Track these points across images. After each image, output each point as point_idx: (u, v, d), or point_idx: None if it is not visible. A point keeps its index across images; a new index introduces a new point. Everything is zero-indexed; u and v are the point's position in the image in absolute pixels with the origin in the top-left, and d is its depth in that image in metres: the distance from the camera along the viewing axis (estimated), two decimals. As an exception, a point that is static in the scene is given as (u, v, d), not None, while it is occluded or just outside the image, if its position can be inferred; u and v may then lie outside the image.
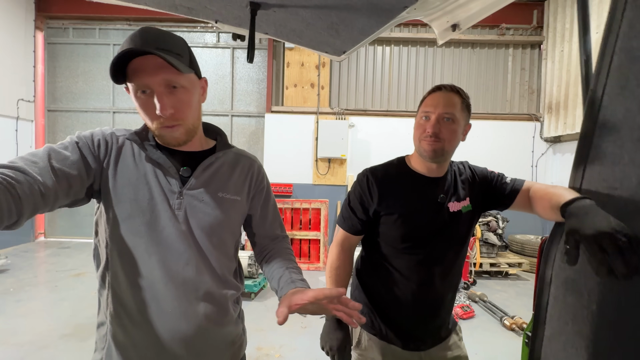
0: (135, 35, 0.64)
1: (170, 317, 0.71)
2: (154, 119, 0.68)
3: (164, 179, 0.72)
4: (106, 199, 0.69)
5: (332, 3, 1.23)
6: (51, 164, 0.60)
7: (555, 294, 0.86)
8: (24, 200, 0.53)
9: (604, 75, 0.79)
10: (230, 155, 0.83)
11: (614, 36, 0.76)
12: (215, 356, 0.78)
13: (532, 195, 0.91)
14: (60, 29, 5.50)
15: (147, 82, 0.64)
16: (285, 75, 5.16)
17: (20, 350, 2.24)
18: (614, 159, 0.78)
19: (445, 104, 0.90)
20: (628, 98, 0.76)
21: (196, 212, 0.73)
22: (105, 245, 0.70)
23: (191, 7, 1.34)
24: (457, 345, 1.05)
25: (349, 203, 1.04)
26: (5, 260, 3.93)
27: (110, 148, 0.70)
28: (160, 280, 0.70)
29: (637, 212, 0.70)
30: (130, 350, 0.71)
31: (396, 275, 0.98)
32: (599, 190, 0.79)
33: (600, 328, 0.75)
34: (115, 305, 0.71)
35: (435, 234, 0.95)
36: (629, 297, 0.71)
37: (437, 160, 0.94)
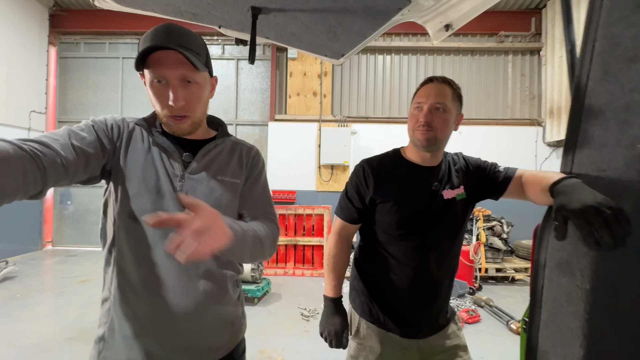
0: (161, 30, 0.71)
1: (171, 291, 0.73)
2: (164, 108, 0.73)
3: (168, 163, 0.77)
4: (116, 178, 0.74)
5: (329, 6, 1.30)
6: (71, 142, 0.65)
7: (549, 276, 0.87)
8: (49, 171, 0.57)
9: (587, 62, 0.82)
10: (229, 142, 0.88)
11: (595, 24, 0.80)
12: (214, 334, 0.80)
13: (524, 181, 0.94)
14: (72, 44, 5.73)
15: (166, 74, 0.71)
16: (288, 85, 5.28)
17: (26, 353, 2.26)
18: (601, 142, 0.80)
19: (437, 95, 0.94)
20: (611, 82, 0.79)
21: (197, 194, 0.77)
22: (112, 222, 0.74)
23: (196, 13, 1.42)
24: (455, 334, 1.06)
25: (346, 193, 1.07)
26: (13, 267, 3.98)
27: (122, 132, 0.76)
28: (162, 255, 0.73)
29: (625, 191, 0.72)
30: (132, 322, 0.73)
31: (392, 261, 0.99)
32: (589, 173, 0.81)
33: (594, 307, 0.76)
34: (120, 279, 0.74)
35: (430, 221, 0.97)
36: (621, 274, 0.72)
37: (431, 149, 0.97)
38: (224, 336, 0.82)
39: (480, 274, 3.89)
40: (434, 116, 0.93)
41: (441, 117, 0.93)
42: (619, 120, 0.75)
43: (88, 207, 5.72)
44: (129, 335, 0.73)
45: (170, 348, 0.74)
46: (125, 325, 0.73)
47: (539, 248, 0.91)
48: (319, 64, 5.20)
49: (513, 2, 5.10)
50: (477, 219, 4.11)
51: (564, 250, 0.83)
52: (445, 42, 5.29)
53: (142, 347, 0.73)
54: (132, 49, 5.71)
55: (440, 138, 0.95)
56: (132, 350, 0.73)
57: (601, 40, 0.78)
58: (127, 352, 0.73)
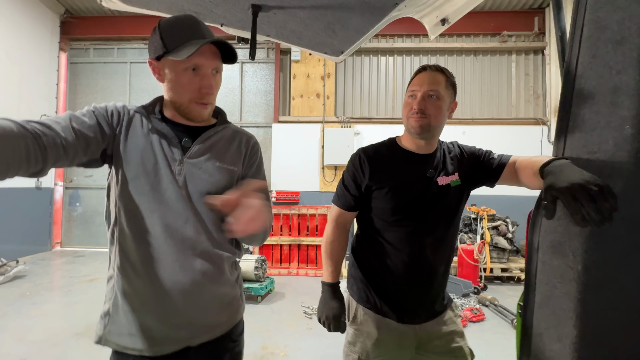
0: (195, 23, 0.78)
1: (169, 269, 0.76)
2: (192, 94, 0.78)
3: (167, 148, 0.80)
4: (117, 162, 0.77)
5: (327, 3, 1.33)
6: (72, 124, 0.69)
7: (542, 258, 0.88)
8: (49, 150, 0.61)
9: (576, 46, 0.84)
10: (228, 130, 0.91)
11: (582, 9, 0.82)
12: (211, 313, 0.83)
13: (517, 166, 0.95)
14: (82, 50, 5.89)
15: (203, 64, 0.77)
16: (291, 87, 5.34)
17: (35, 347, 2.31)
18: (591, 125, 0.81)
19: (430, 82, 0.96)
20: (599, 65, 0.80)
21: (194, 178, 0.80)
22: (114, 204, 0.78)
23: (199, 12, 1.46)
24: (452, 320, 1.07)
25: (343, 181, 1.09)
26: (23, 266, 4.07)
27: (122, 118, 0.79)
28: (160, 235, 0.76)
29: (615, 172, 0.73)
30: (133, 298, 0.77)
31: (388, 247, 1.01)
32: (580, 156, 0.82)
33: (586, 287, 0.77)
34: (122, 258, 0.77)
35: (425, 207, 0.99)
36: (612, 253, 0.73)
37: (425, 136, 0.99)
38: (221, 315, 0.85)
39: (486, 273, 3.86)
40: (427, 103, 0.95)
41: (434, 104, 0.95)
42: (608, 103, 0.76)
43: (96, 208, 5.83)
44: (131, 311, 0.76)
45: (168, 324, 0.77)
46: (127, 301, 0.77)
47: (532, 232, 0.92)
48: (322, 66, 5.26)
49: (516, 2, 5.11)
50: (481, 218, 4.09)
51: (556, 232, 0.84)
52: (448, 42, 5.32)
53: (142, 322, 0.76)
54: (139, 53, 5.84)
55: (434, 125, 0.97)
56: (134, 324, 0.76)
57: (589, 24, 0.80)
58: (129, 327, 0.76)
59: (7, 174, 0.55)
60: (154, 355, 0.77)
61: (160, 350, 0.77)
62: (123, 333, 0.77)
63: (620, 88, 0.75)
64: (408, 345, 1.02)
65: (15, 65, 4.89)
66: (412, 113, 0.97)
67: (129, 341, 0.76)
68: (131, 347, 0.76)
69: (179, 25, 0.77)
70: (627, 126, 0.73)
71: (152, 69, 0.81)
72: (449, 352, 1.03)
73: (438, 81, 0.97)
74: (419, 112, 0.95)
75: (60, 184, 5.81)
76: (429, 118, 0.95)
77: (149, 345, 0.76)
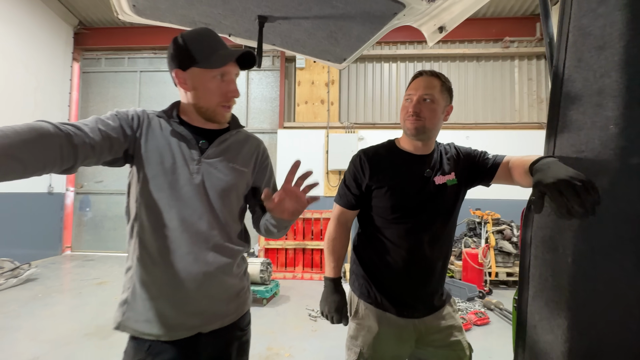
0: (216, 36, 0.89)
1: (184, 260, 0.83)
2: (220, 97, 0.87)
3: (186, 149, 0.87)
4: (138, 162, 0.84)
5: (329, 13, 1.41)
6: (98, 126, 0.76)
7: (535, 253, 0.92)
8: (79, 149, 0.69)
9: (563, 52, 0.89)
10: (241, 134, 0.99)
11: (567, 17, 0.87)
12: (221, 302, 0.89)
13: (510, 166, 0.99)
14: (94, 59, 6.09)
15: (231, 71, 0.87)
16: (296, 93, 5.44)
17: (48, 346, 2.38)
18: (579, 125, 0.86)
19: (425, 87, 1.02)
20: (584, 69, 0.85)
21: (211, 176, 0.87)
22: (135, 200, 0.85)
23: (208, 23, 1.55)
24: (450, 315, 1.10)
25: (345, 181, 1.14)
26: (35, 269, 4.18)
27: (142, 121, 0.86)
28: (177, 228, 0.83)
29: (602, 170, 0.77)
30: (151, 287, 0.83)
31: (388, 244, 1.06)
32: (569, 155, 0.86)
33: (576, 279, 0.81)
34: (141, 249, 0.83)
35: (422, 205, 1.03)
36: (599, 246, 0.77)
37: (420, 137, 1.04)
38: (230, 305, 0.91)
39: (491, 278, 3.84)
40: (422, 106, 1.01)
41: (429, 107, 1.01)
42: (594, 104, 0.81)
43: (105, 213, 5.95)
44: (148, 299, 0.82)
45: (182, 311, 0.83)
46: (145, 289, 0.83)
47: (525, 228, 0.96)
48: (326, 72, 5.36)
49: (517, 8, 5.17)
50: (485, 222, 4.09)
51: (547, 228, 0.88)
52: (451, 48, 5.38)
53: (158, 309, 0.82)
54: (149, 62, 6.02)
55: (429, 127, 1.02)
56: (150, 311, 0.82)
57: (573, 31, 0.85)
58: (146, 313, 0.82)
59: (45, 169, 0.61)
60: (169, 340, 0.82)
61: (175, 336, 0.82)
62: (140, 319, 0.82)
63: (604, 90, 0.80)
64: (408, 339, 1.06)
65: (31, 75, 5.08)
66: (408, 116, 1.02)
67: (146, 327, 0.82)
68: (148, 333, 0.82)
69: (203, 38, 0.86)
70: (612, 126, 0.77)
71: (177, 79, 0.87)
72: (447, 346, 1.06)
73: (433, 85, 1.02)
74: (414, 115, 1.01)
75: (71, 189, 5.96)
76: (423, 120, 1.01)
77: (164, 331, 0.81)
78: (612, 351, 0.77)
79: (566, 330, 0.81)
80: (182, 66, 0.85)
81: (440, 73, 1.07)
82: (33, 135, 0.59)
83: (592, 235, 0.77)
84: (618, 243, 0.75)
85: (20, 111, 4.86)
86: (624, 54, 0.75)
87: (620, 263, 0.75)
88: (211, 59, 0.84)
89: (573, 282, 0.80)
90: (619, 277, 0.75)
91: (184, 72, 0.86)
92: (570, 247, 0.81)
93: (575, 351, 0.79)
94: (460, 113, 5.27)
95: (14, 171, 0.56)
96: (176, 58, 0.86)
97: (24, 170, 0.58)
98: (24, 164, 0.57)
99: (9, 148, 0.55)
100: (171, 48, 0.88)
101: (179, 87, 0.89)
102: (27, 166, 0.58)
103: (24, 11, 4.94)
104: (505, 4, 5.10)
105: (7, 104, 4.68)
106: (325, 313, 1.09)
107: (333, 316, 1.07)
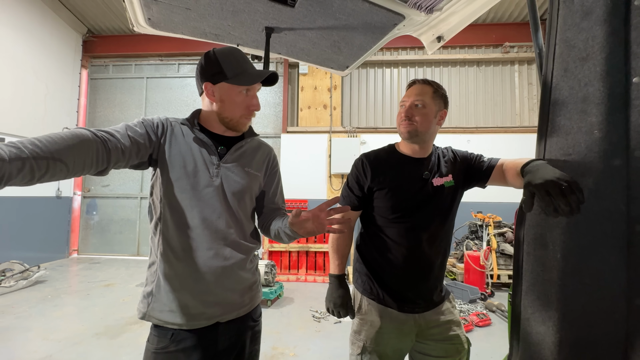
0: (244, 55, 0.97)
1: (204, 255, 0.90)
2: (244, 110, 0.96)
3: (206, 154, 0.94)
4: (162, 165, 0.91)
5: (333, 24, 1.49)
6: (127, 133, 0.84)
7: (527, 250, 0.97)
8: (112, 153, 0.76)
9: (550, 62, 0.96)
10: (255, 141, 1.08)
11: (554, 30, 0.94)
12: (237, 294, 0.96)
13: (504, 168, 1.06)
14: (102, 66, 6.24)
15: (254, 87, 0.96)
16: (299, 99, 5.54)
17: (58, 345, 2.45)
18: (566, 130, 0.92)
19: (417, 94, 1.09)
20: (570, 78, 0.91)
21: (229, 179, 0.95)
22: (159, 200, 0.92)
23: (218, 34, 1.64)
24: (450, 311, 1.15)
25: (348, 184, 1.21)
26: (44, 271, 4.27)
27: (166, 129, 0.94)
28: (198, 226, 0.90)
29: (587, 171, 0.83)
30: (174, 279, 0.90)
31: (389, 242, 1.12)
32: (558, 157, 0.93)
33: (565, 273, 0.87)
34: (164, 246, 0.90)
35: (421, 205, 1.10)
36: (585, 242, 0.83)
37: (414, 140, 1.11)
38: (245, 297, 0.98)
39: (492, 280, 3.87)
40: (414, 112, 1.09)
41: (420, 112, 1.09)
42: (579, 111, 0.87)
43: (112, 217, 6.05)
44: (171, 290, 0.89)
45: (203, 302, 0.90)
46: (168, 282, 0.89)
47: (518, 227, 1.02)
48: (329, 78, 5.46)
49: (517, 14, 5.25)
50: (487, 225, 4.12)
51: (538, 226, 0.94)
52: (452, 54, 5.47)
53: (181, 300, 0.89)
54: (155, 69, 6.16)
55: (421, 130, 1.09)
56: (174, 302, 0.89)
57: (560, 43, 0.92)
58: (169, 304, 0.89)
59: (83, 171, 0.69)
60: (190, 329, 0.89)
61: (196, 325, 0.89)
62: (164, 310, 0.89)
63: (588, 98, 0.86)
64: (409, 333, 1.11)
65: (41, 82, 5.22)
66: (401, 120, 1.10)
67: (170, 316, 0.89)
68: (171, 322, 0.89)
69: (233, 57, 0.95)
70: (596, 131, 0.83)
71: (206, 91, 0.95)
72: (446, 340, 1.11)
73: (424, 92, 1.10)
74: (406, 119, 1.08)
75: (78, 193, 6.07)
76: (415, 124, 1.08)
77: (186, 320, 0.88)
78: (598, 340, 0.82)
79: (557, 321, 0.86)
80: (213, 80, 0.93)
81: (433, 81, 1.15)
82: (75, 141, 0.67)
83: (580, 232, 0.83)
84: (603, 239, 0.80)
85: (31, 117, 4.99)
86: (604, 64, 0.82)
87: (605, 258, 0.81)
88: (240, 76, 0.92)
89: (562, 276, 0.86)
90: (604, 271, 0.81)
91: (214, 86, 0.94)
92: (559, 243, 0.87)
93: (566, 341, 0.85)
94: (461, 117, 5.34)
95: (60, 171, 0.64)
96: (208, 72, 0.94)
97: (67, 172, 0.65)
98: (68, 166, 0.65)
99: (57, 153, 0.62)
100: (203, 62, 0.95)
101: (205, 97, 0.97)
102: (70, 168, 0.65)
103: (35, 20, 5.09)
104: (505, 10, 5.18)
105: (19, 109, 4.81)
106: (331, 309, 1.15)
107: (339, 311, 1.13)
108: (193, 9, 1.40)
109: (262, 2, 1.33)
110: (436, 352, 1.12)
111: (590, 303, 0.82)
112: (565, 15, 0.90)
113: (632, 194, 0.76)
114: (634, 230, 0.77)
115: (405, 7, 1.33)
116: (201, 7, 1.38)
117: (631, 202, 0.76)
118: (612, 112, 0.80)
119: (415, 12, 1.35)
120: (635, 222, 0.76)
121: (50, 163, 0.61)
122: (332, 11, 1.37)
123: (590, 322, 0.82)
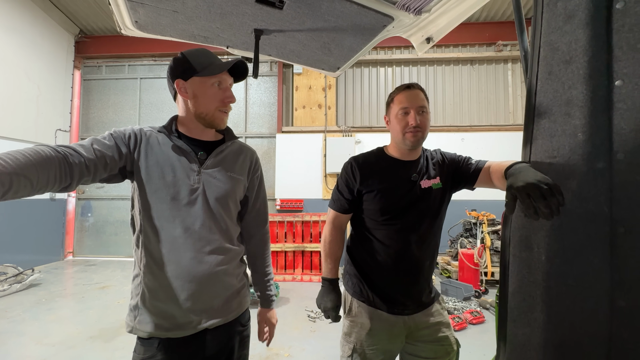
0: (211, 52, 0.99)
1: (189, 264, 0.89)
2: (218, 103, 0.95)
3: (185, 162, 0.93)
4: (139, 178, 0.90)
5: (322, 26, 1.48)
6: (93, 147, 0.82)
7: (513, 252, 0.98)
8: (74, 168, 0.74)
9: (535, 65, 0.96)
10: (236, 145, 1.06)
11: (538, 33, 0.94)
12: (224, 300, 0.95)
13: (490, 170, 1.06)
14: (94, 67, 6.19)
15: (225, 79, 0.97)
16: (294, 98, 5.53)
17: (53, 349, 2.44)
18: (551, 133, 0.92)
19: (420, 99, 1.09)
20: (554, 81, 0.92)
21: (211, 185, 0.94)
22: (139, 212, 0.90)
23: (207, 36, 1.62)
24: (439, 312, 1.16)
25: (338, 187, 1.21)
26: (38, 274, 4.23)
27: (140, 139, 0.92)
28: (181, 236, 0.89)
29: (571, 173, 0.84)
30: (158, 291, 0.89)
31: (378, 244, 1.12)
32: (543, 160, 0.93)
33: (549, 275, 0.87)
34: (147, 258, 0.89)
35: (409, 207, 1.10)
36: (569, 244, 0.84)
37: (417, 147, 1.11)
38: (232, 303, 0.97)
39: (486, 277, 3.90)
40: (421, 118, 1.08)
41: (425, 118, 1.09)
42: (563, 113, 0.88)
43: (107, 219, 6.02)
44: (157, 302, 0.88)
45: (190, 310, 0.89)
46: (153, 294, 0.89)
47: (504, 228, 1.02)
48: (324, 77, 5.45)
49: (510, 12, 5.26)
50: (481, 222, 4.15)
51: (523, 228, 0.95)
52: (445, 53, 5.47)
53: (167, 311, 0.88)
54: (149, 69, 6.12)
55: (425, 136, 1.10)
56: (160, 313, 0.88)
57: (544, 46, 0.92)
58: (156, 316, 0.88)
59: (47, 187, 0.68)
60: (178, 338, 0.89)
61: (183, 333, 0.89)
62: (151, 321, 0.88)
63: (571, 101, 0.87)
64: (398, 335, 1.12)
65: (34, 83, 5.17)
66: (410, 128, 1.08)
67: (156, 328, 0.88)
68: (159, 333, 0.88)
69: (200, 53, 0.96)
70: (579, 133, 0.84)
71: (178, 88, 0.94)
72: (436, 341, 1.12)
73: (423, 98, 1.10)
74: (416, 127, 1.07)
75: (72, 195, 6.03)
76: (423, 131, 1.09)
77: (173, 330, 0.88)
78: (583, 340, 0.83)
79: (542, 322, 0.87)
80: (184, 76, 0.93)
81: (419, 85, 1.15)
82: (36, 157, 0.66)
83: (564, 234, 0.84)
84: (586, 241, 0.81)
85: (23, 119, 4.94)
86: (587, 67, 0.82)
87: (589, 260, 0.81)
88: (209, 68, 0.93)
89: (547, 278, 0.87)
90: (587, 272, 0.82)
91: (185, 82, 0.94)
92: (544, 245, 0.88)
93: (551, 342, 0.86)
94: (455, 116, 5.35)
95: (25, 187, 0.63)
96: (178, 70, 0.94)
97: (32, 188, 0.64)
98: (32, 181, 0.64)
99: (19, 168, 0.62)
100: (172, 63, 0.96)
101: (179, 98, 0.96)
102: (34, 184, 0.64)
103: (26, 20, 5.03)
104: (497, 9, 5.20)
105: (11, 112, 4.76)
106: (322, 310, 1.16)
107: (329, 314, 1.13)
108: (180, 11, 1.39)
109: (250, 4, 1.32)
110: (426, 354, 1.13)
111: (574, 304, 0.83)
112: (549, 18, 0.90)
113: (614, 196, 0.77)
114: (616, 232, 0.77)
115: (393, 8, 1.32)
116: (188, 9, 1.36)
117: (614, 204, 0.77)
118: (595, 115, 0.81)
119: (404, 13, 1.35)
120: (617, 224, 0.77)
121: (14, 178, 0.60)
122: (321, 13, 1.36)
123: (575, 324, 0.83)
